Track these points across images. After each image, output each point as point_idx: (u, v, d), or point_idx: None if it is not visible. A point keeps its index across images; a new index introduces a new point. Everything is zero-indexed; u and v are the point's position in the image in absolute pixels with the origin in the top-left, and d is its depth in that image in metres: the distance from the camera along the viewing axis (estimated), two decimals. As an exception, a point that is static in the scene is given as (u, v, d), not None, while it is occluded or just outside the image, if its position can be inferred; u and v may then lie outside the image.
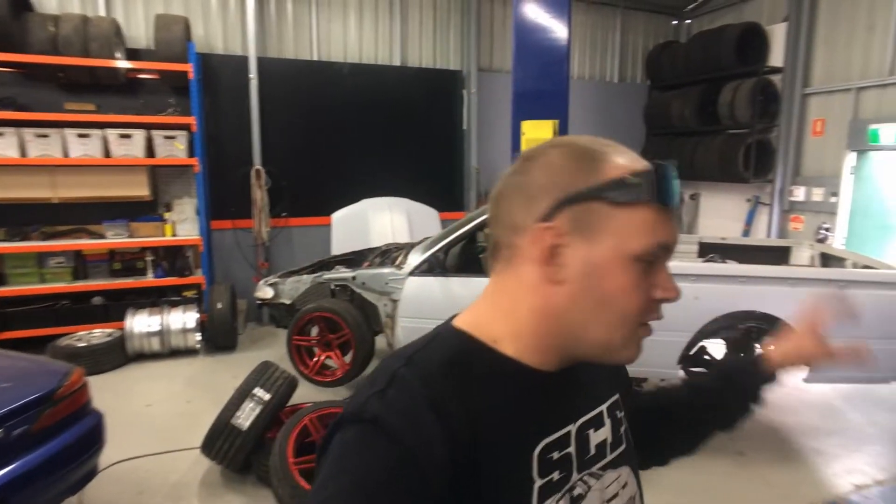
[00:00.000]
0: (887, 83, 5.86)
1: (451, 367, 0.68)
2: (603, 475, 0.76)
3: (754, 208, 7.27)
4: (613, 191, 0.66)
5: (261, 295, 4.83)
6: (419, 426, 0.62)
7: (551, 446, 0.70)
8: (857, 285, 3.72)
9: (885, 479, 3.57)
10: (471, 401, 0.66)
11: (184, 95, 5.71)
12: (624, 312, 0.67)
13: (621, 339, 0.69)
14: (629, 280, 0.66)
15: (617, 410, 0.84)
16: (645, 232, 0.66)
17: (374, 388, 0.66)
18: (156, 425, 4.14)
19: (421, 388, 0.65)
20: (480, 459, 0.64)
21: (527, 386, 0.71)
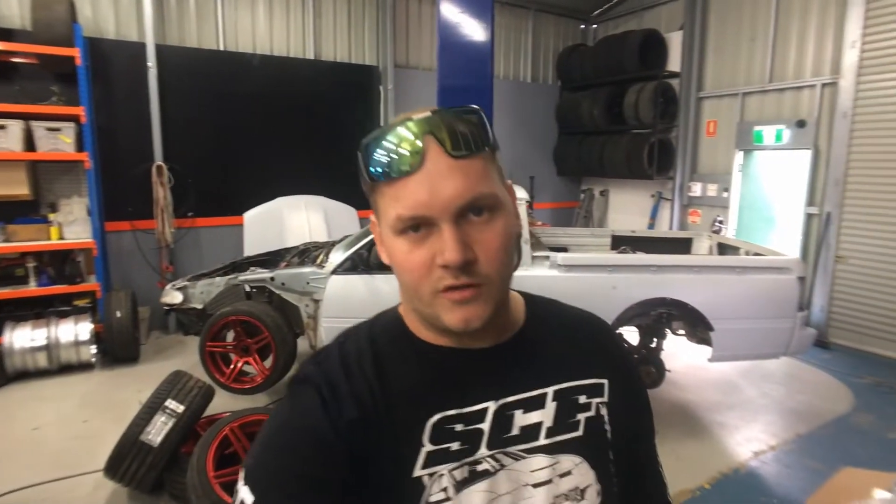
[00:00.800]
0: (767, 89, 6.48)
1: (370, 342, 0.77)
2: (527, 458, 0.74)
3: (658, 203, 7.80)
4: (360, 179, 0.72)
5: (168, 300, 4.47)
6: (333, 387, 0.72)
7: (453, 418, 0.73)
8: (750, 271, 4.07)
9: (777, 444, 3.94)
10: (380, 371, 0.74)
11: (70, 83, 5.15)
12: (407, 283, 0.71)
13: (428, 308, 0.70)
14: (399, 252, 0.69)
15: (582, 395, 0.80)
16: (389, 208, 0.69)
17: (314, 359, 0.78)
18: (46, 451, 3.69)
19: (341, 359, 0.76)
20: (376, 421, 0.71)
21: (429, 361, 0.76)
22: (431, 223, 0.66)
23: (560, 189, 9.02)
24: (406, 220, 0.66)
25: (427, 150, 0.66)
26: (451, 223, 0.66)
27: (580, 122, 8.27)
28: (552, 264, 3.97)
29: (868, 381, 5.02)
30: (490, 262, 0.68)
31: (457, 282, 0.66)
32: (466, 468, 0.72)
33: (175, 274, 5.87)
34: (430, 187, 0.65)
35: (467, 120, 0.69)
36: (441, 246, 0.66)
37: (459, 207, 0.66)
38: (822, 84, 5.92)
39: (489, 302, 0.69)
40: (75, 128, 5.12)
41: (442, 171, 0.65)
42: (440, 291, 0.67)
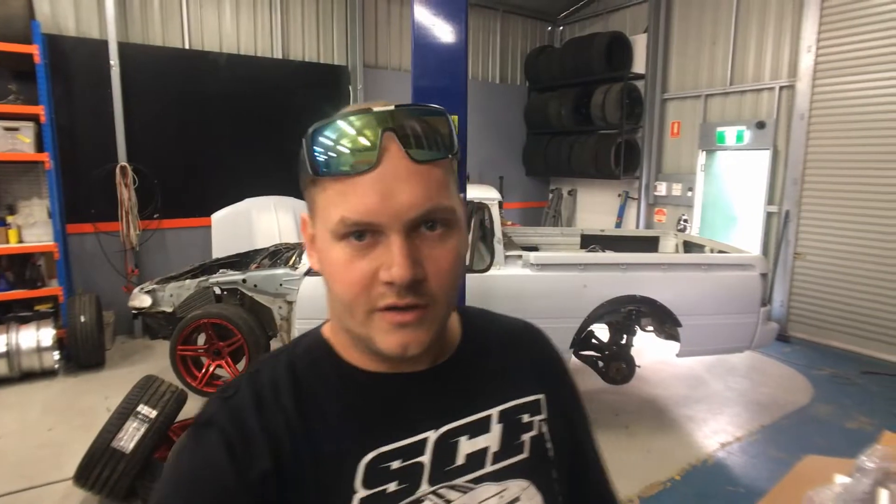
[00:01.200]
0: (728, 91, 6.70)
1: (289, 371, 0.68)
2: (475, 489, 0.67)
3: (624, 202, 7.97)
4: (299, 170, 0.64)
5: (136, 304, 4.37)
6: (242, 429, 0.63)
7: (390, 455, 0.64)
8: (715, 268, 4.20)
9: (742, 436, 4.08)
10: (301, 404, 0.65)
11: (29, 82, 4.97)
12: (340, 297, 0.61)
13: (361, 328, 0.62)
14: (336, 260, 0.60)
15: (525, 414, 0.74)
16: (331, 207, 0.60)
17: (221, 395, 0.67)
18: (9, 461, 3.57)
19: (253, 395, 0.65)
20: (298, 466, 0.62)
21: (361, 390, 0.67)
22: (379, 232, 0.59)
23: (529, 189, 9.12)
24: (351, 224, 0.58)
25: (386, 149, 0.58)
26: (402, 235, 0.58)
27: (548, 123, 8.38)
28: (525, 263, 4.03)
29: (826, 372, 5.24)
30: (440, 283, 0.61)
31: (400, 301, 0.59)
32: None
33: (141, 277, 5.73)
34: (385, 191, 0.58)
35: (432, 121, 0.62)
36: (388, 259, 0.58)
37: (414, 219, 0.59)
38: (780, 87, 6.15)
39: (432, 326, 0.62)
40: (34, 127, 4.96)
41: (399, 174, 0.58)
42: (378, 310, 0.60)
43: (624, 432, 4.10)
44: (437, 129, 0.62)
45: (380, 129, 0.59)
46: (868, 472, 1.88)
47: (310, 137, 0.61)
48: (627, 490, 3.37)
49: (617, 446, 3.90)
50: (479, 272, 3.94)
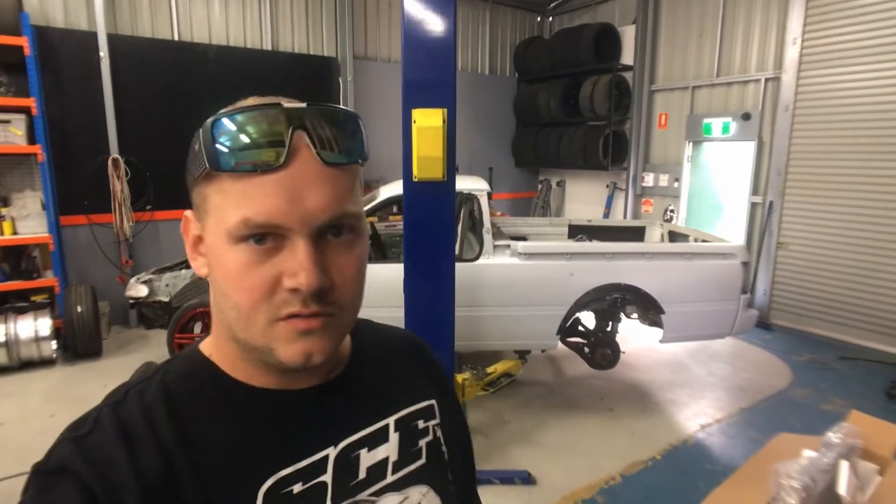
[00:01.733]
0: (715, 83, 6.80)
1: (164, 398, 0.59)
2: (377, 501, 0.66)
3: (612, 193, 8.08)
4: (191, 164, 0.59)
5: (133, 293, 4.45)
6: (106, 473, 0.53)
7: (290, 479, 0.60)
8: (698, 257, 4.33)
9: (722, 417, 4.25)
10: (183, 434, 0.58)
11: (19, 74, 4.99)
12: (238, 305, 0.56)
13: (261, 337, 0.57)
14: (233, 265, 0.56)
15: (420, 420, 0.73)
16: (230, 207, 0.55)
17: (73, 433, 0.57)
18: (14, 446, 3.69)
19: (119, 429, 0.56)
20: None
21: (252, 411, 0.61)
22: (283, 236, 0.55)
23: (518, 180, 9.22)
24: (254, 226, 0.54)
25: (296, 148, 0.55)
26: (309, 240, 0.55)
27: (537, 114, 8.46)
28: (513, 252, 4.14)
29: (805, 358, 5.41)
30: (346, 291, 0.59)
31: (305, 309, 0.56)
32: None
33: (135, 268, 5.79)
34: (293, 193, 0.54)
35: (344, 123, 0.59)
36: (293, 265, 0.55)
37: (322, 223, 0.56)
38: (766, 79, 6.26)
39: (336, 335, 0.60)
40: (26, 119, 4.99)
41: (309, 176, 0.55)
42: (280, 319, 0.56)
43: (608, 415, 4.25)
44: (349, 133, 0.59)
45: (290, 126, 0.55)
46: (833, 446, 2.02)
47: (209, 128, 0.56)
48: (611, 468, 3.52)
49: (601, 428, 4.05)
50: (468, 262, 4.05)
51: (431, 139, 3.01)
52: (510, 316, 4.14)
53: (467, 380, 3.78)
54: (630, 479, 3.44)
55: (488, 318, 4.15)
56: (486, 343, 4.30)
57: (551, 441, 3.84)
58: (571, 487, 3.34)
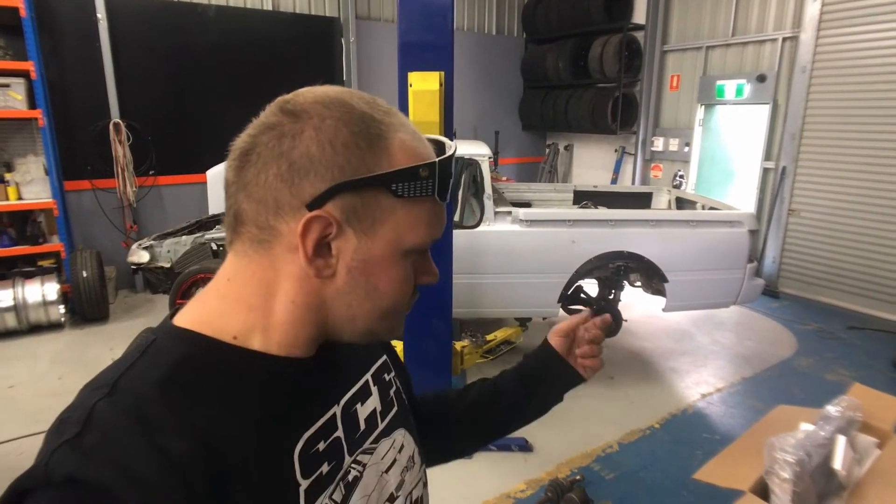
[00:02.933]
0: (730, 43, 6.55)
1: (171, 384, 0.56)
2: (377, 447, 0.73)
3: (621, 158, 7.92)
4: (401, 182, 0.59)
5: (135, 259, 4.47)
6: (139, 477, 0.48)
7: (315, 438, 0.64)
8: (704, 224, 4.24)
9: (723, 387, 4.23)
10: (206, 421, 0.55)
11: (16, 37, 4.91)
12: (393, 305, 0.65)
13: (388, 326, 0.68)
14: (401, 273, 0.64)
15: (385, 374, 0.82)
16: (422, 226, 0.63)
17: (65, 436, 0.50)
18: (25, 407, 3.79)
19: (131, 424, 0.51)
20: (231, 485, 0.54)
21: (277, 380, 0.63)
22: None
23: (525, 144, 9.05)
24: (433, 240, 0.66)
25: None
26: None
27: (545, 76, 8.24)
28: (514, 219, 4.08)
29: (812, 327, 5.35)
30: None
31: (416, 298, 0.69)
32: (341, 485, 0.66)
33: (139, 233, 5.82)
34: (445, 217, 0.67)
35: None
36: (430, 268, 0.68)
37: None
38: (784, 38, 6.01)
39: None
40: (25, 84, 4.93)
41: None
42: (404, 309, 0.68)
43: (609, 383, 4.25)
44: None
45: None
46: (831, 420, 1.98)
47: (446, 163, 0.63)
48: (608, 436, 3.54)
49: (601, 395, 4.06)
50: (469, 228, 4.01)
51: (427, 103, 2.94)
52: (511, 283, 4.11)
53: (466, 347, 3.79)
54: (627, 447, 3.46)
55: (489, 285, 4.13)
56: (487, 310, 4.29)
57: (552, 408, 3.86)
58: (568, 455, 3.36)
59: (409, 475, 0.78)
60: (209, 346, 0.60)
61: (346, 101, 0.61)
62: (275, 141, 0.58)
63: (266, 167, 0.58)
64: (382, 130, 0.60)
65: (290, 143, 0.58)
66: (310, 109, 0.59)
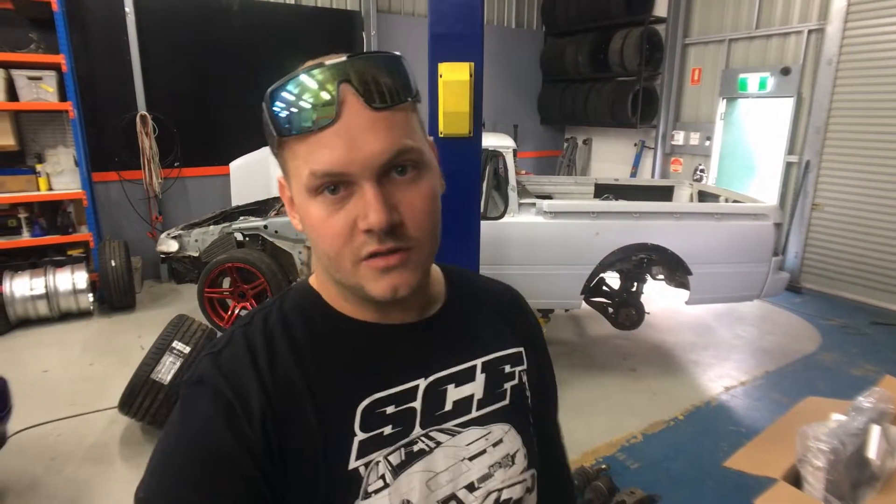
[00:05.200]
0: (754, 36, 6.49)
1: (282, 323, 0.69)
2: (462, 432, 0.73)
3: (640, 152, 7.87)
4: (267, 136, 0.65)
5: (164, 248, 4.56)
6: (238, 384, 0.63)
7: (385, 401, 0.68)
8: (728, 217, 4.23)
9: (747, 380, 4.22)
10: (295, 357, 0.67)
11: (48, 30, 5.01)
12: (325, 251, 0.64)
13: (351, 277, 0.64)
14: (314, 216, 0.63)
15: (507, 365, 0.80)
16: (301, 165, 0.61)
17: (211, 350, 0.68)
18: (59, 391, 3.87)
19: (247, 347, 0.66)
20: (297, 414, 0.64)
21: (355, 340, 0.70)
22: (351, 183, 0.60)
23: (543, 138, 9.02)
24: (321, 176, 0.60)
25: (344, 101, 0.59)
26: (374, 182, 0.60)
27: (564, 70, 8.20)
28: (538, 211, 4.09)
29: (836, 322, 5.31)
30: (417, 225, 0.63)
31: (382, 247, 0.61)
32: (402, 451, 0.68)
33: (165, 224, 5.92)
34: (349, 142, 0.59)
35: (387, 67, 0.62)
36: (363, 208, 0.60)
37: (382, 164, 0.60)
38: (809, 30, 5.94)
39: (417, 268, 0.65)
40: (56, 76, 5.04)
41: (362, 124, 0.59)
42: (363, 259, 0.62)
43: (631, 375, 4.26)
44: (392, 75, 0.62)
45: (335, 81, 0.59)
46: (864, 410, 1.98)
47: (268, 99, 0.61)
48: (632, 427, 3.55)
49: (623, 388, 4.07)
50: (493, 219, 4.03)
51: (458, 93, 2.96)
52: (534, 274, 4.12)
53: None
54: (651, 438, 3.47)
55: (512, 276, 4.13)
56: (510, 301, 4.30)
57: (573, 399, 3.88)
58: (592, 444, 3.38)
59: (502, 472, 0.75)
60: (310, 298, 0.73)
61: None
62: None
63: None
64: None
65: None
66: None
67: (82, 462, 3.13)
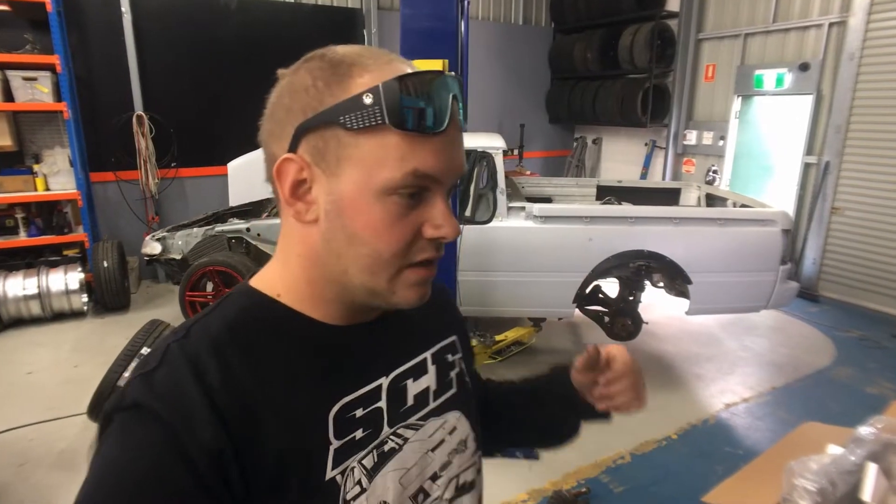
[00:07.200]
0: (770, 30, 6.16)
1: (230, 331, 0.62)
2: (424, 425, 0.74)
3: (651, 152, 7.58)
4: (346, 114, 0.57)
5: (148, 251, 4.51)
6: (181, 406, 0.55)
7: (353, 404, 0.66)
8: (732, 223, 3.98)
9: (750, 397, 3.97)
10: (251, 369, 0.60)
11: (44, 31, 5.01)
12: (378, 253, 0.60)
13: (386, 283, 0.62)
14: (380, 217, 0.59)
15: (448, 354, 0.82)
16: (392, 161, 0.58)
17: (143, 370, 0.59)
18: (39, 393, 3.85)
19: (189, 362, 0.58)
20: (260, 432, 0.58)
21: (318, 344, 0.66)
22: (427, 191, 0.61)
23: (552, 137, 8.78)
24: (420, 176, 0.59)
25: (453, 114, 0.60)
26: (445, 195, 0.62)
27: (573, 67, 7.96)
28: (528, 215, 3.92)
29: (854, 334, 4.99)
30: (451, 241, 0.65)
31: (437, 256, 0.64)
32: (375, 453, 0.67)
33: (161, 224, 5.89)
34: (451, 152, 0.61)
35: (462, 91, 0.64)
36: (434, 217, 0.61)
37: (456, 181, 0.64)
38: (830, 23, 5.61)
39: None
40: (52, 77, 5.03)
41: (457, 138, 0.62)
42: (411, 265, 0.62)
43: (626, 388, 4.05)
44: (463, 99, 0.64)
45: (450, 93, 0.60)
46: (864, 443, 1.77)
47: (396, 87, 0.57)
48: (621, 446, 3.35)
49: (617, 402, 3.86)
50: (481, 223, 3.87)
51: (429, 93, 2.81)
52: (524, 282, 3.95)
53: (474, 348, 3.66)
54: (640, 459, 3.27)
55: (501, 283, 3.98)
56: (499, 309, 4.14)
57: (561, 413, 3.69)
58: (576, 464, 3.19)
59: (459, 458, 0.78)
60: (261, 303, 0.66)
61: (332, 49, 0.63)
62: (267, 103, 0.64)
63: (264, 129, 0.64)
64: (352, 70, 0.59)
65: (273, 99, 0.64)
66: (296, 64, 0.63)
67: (50, 469, 3.08)
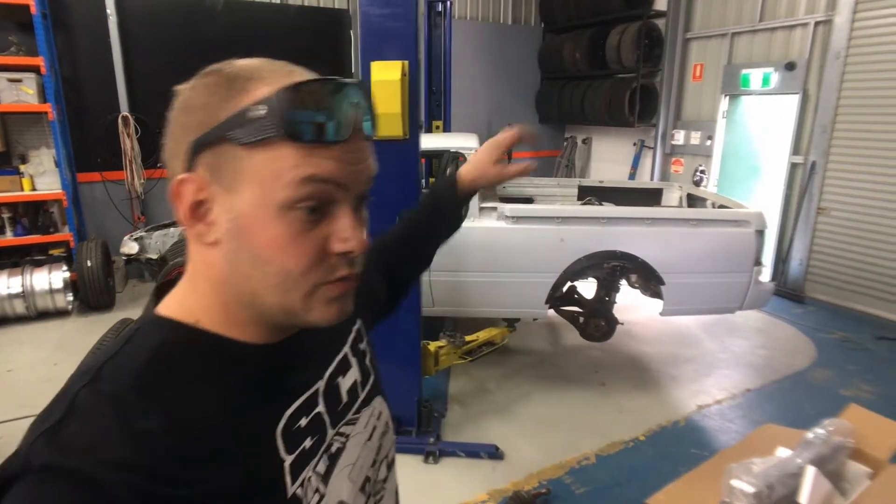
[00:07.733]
0: (757, 29, 6.11)
1: (153, 366, 0.56)
2: (359, 417, 0.75)
3: (639, 152, 7.55)
4: (238, 127, 0.54)
5: (126, 250, 4.56)
6: (114, 460, 0.49)
7: (296, 415, 0.64)
8: (706, 224, 3.95)
9: (724, 398, 3.95)
10: (187, 403, 0.56)
11: (29, 33, 5.07)
12: (286, 271, 0.57)
13: (301, 301, 0.58)
14: (281, 233, 0.56)
15: (360, 343, 0.82)
16: (288, 174, 0.54)
17: (47, 423, 0.51)
18: (16, 392, 3.90)
19: (110, 408, 0.52)
20: (210, 469, 0.54)
21: (251, 365, 0.62)
22: (332, 202, 0.57)
23: (542, 137, 8.76)
24: (319, 181, 0.55)
25: (354, 122, 0.58)
26: (352, 206, 0.59)
27: (563, 67, 7.94)
28: (500, 216, 3.91)
29: (836, 336, 4.94)
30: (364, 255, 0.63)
31: (353, 271, 0.60)
32: (325, 457, 0.67)
33: (147, 224, 5.94)
34: (354, 159, 0.58)
35: (370, 98, 0.62)
36: (340, 230, 0.58)
37: (365, 190, 0.61)
38: (816, 22, 5.55)
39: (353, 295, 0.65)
40: (37, 78, 5.09)
41: (363, 147, 0.59)
42: (326, 283, 0.59)
43: (599, 389, 4.04)
44: (373, 107, 0.63)
45: (353, 101, 0.58)
46: (811, 446, 1.77)
47: (286, 98, 0.54)
48: (587, 447, 3.35)
49: (589, 403, 3.85)
50: (452, 225, 3.86)
51: (389, 94, 2.84)
52: (495, 282, 3.95)
53: (443, 348, 3.66)
54: (605, 460, 3.26)
55: (473, 283, 3.98)
56: (471, 310, 4.14)
57: (532, 414, 3.69)
58: (540, 465, 3.19)
59: (386, 439, 0.81)
60: (182, 332, 0.61)
61: (228, 65, 0.60)
62: (166, 122, 0.61)
63: (164, 148, 0.61)
64: (248, 85, 0.56)
65: (170, 116, 0.60)
66: (192, 80, 0.60)
67: (18, 467, 3.12)
